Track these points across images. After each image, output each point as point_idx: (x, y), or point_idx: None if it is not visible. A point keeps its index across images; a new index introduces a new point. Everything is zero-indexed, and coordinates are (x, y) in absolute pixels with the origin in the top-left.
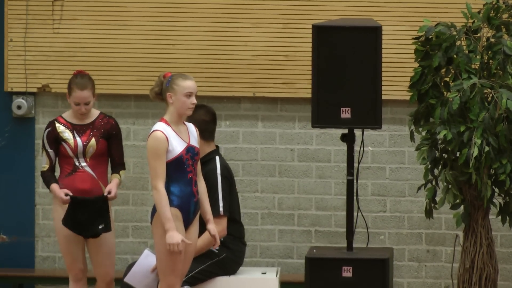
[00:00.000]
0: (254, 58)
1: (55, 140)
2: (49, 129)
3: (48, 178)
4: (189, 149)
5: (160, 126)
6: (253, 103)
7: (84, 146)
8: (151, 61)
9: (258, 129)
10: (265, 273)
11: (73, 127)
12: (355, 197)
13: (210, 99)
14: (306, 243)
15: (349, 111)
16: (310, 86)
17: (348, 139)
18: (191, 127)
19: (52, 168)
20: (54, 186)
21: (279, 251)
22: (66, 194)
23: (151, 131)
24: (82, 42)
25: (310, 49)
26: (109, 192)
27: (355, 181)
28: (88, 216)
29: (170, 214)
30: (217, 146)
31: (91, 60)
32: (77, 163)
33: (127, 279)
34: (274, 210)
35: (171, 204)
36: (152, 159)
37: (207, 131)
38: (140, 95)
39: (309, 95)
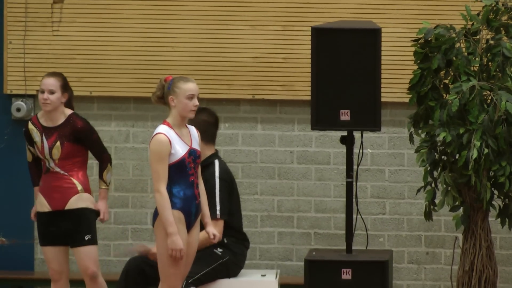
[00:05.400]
0: (253, 60)
1: (30, 139)
2: (24, 129)
3: (33, 175)
4: (191, 152)
5: (163, 129)
6: (252, 105)
7: (50, 149)
8: (150, 63)
9: (258, 131)
10: (264, 275)
11: (43, 129)
12: (354, 199)
13: (209, 101)
14: (305, 245)
15: (349, 113)
16: (309, 88)
17: (348, 141)
18: (193, 130)
19: (36, 160)
20: (36, 191)
21: (279, 254)
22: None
23: (154, 133)
24: (81, 45)
25: (309, 51)
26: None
27: (354, 183)
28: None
29: (172, 218)
30: (216, 150)
31: (90, 63)
32: (47, 164)
33: (119, 255)
34: (273, 213)
35: (174, 206)
36: (155, 162)
37: (208, 133)
38: (139, 98)
39: (309, 97)
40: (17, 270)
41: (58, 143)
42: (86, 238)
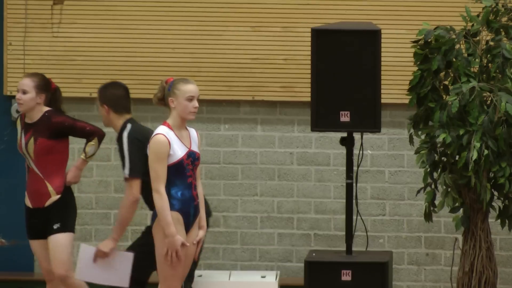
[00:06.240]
0: (253, 61)
1: None
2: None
3: None
4: (190, 154)
5: (162, 129)
6: (252, 106)
7: (26, 144)
8: (150, 65)
9: (257, 133)
10: (264, 276)
11: (23, 125)
12: (354, 201)
13: (209, 103)
14: (305, 246)
15: (348, 115)
16: (309, 89)
17: (347, 142)
18: (193, 132)
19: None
20: None
21: (279, 255)
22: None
23: (154, 134)
24: (81, 46)
25: (309, 53)
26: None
27: (354, 184)
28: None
29: (170, 219)
30: (131, 117)
31: (90, 64)
32: (27, 163)
33: (79, 277)
34: (273, 214)
35: (173, 208)
36: (154, 162)
37: (119, 105)
38: (139, 99)
39: (308, 99)
40: (16, 271)
41: (32, 139)
42: (55, 227)
